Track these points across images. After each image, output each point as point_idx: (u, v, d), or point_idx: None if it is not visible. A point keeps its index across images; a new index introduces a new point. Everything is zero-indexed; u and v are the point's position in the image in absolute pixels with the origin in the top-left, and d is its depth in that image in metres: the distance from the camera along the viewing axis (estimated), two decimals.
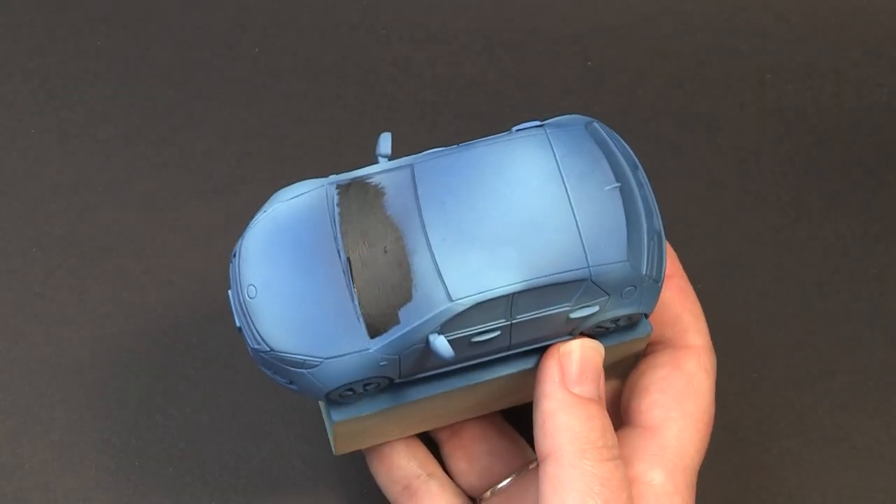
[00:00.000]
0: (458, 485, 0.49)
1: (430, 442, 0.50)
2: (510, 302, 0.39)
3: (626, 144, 0.42)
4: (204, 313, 0.56)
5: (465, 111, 0.61)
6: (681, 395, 0.44)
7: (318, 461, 0.53)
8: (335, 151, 0.60)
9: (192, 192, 0.59)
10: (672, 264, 0.47)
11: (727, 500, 0.51)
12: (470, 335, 0.40)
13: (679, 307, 0.46)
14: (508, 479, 0.47)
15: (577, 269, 0.39)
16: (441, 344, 0.38)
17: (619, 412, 0.47)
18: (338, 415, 0.43)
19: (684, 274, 0.47)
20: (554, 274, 0.39)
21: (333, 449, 0.45)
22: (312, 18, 0.64)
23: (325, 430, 0.45)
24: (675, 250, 0.47)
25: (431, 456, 0.49)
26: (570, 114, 0.43)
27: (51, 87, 0.62)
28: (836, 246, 0.57)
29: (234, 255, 0.42)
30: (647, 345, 0.46)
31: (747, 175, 0.59)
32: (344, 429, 0.44)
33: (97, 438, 0.53)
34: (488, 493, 0.48)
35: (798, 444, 0.53)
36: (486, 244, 0.39)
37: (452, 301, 0.38)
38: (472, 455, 0.48)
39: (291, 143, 0.60)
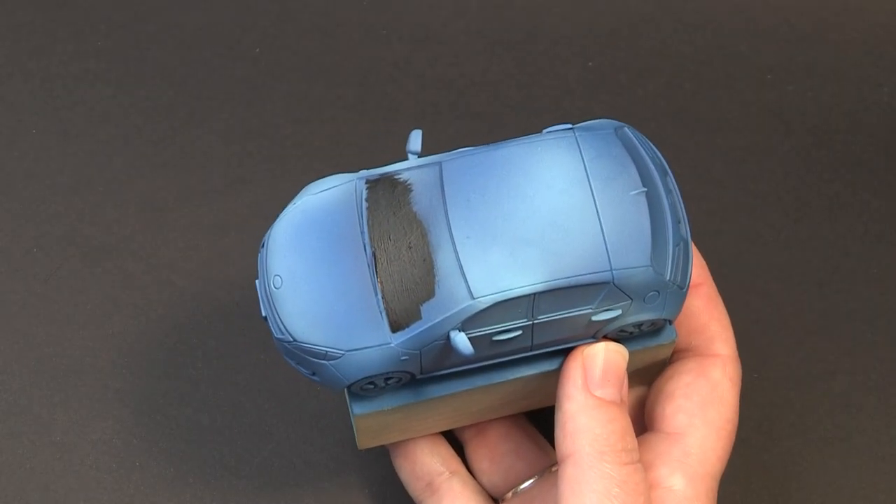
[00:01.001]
0: (481, 484, 0.49)
1: (456, 442, 0.50)
2: (532, 302, 0.39)
3: (656, 150, 0.42)
4: (204, 313, 0.56)
5: (465, 111, 0.61)
6: (705, 402, 0.44)
7: (319, 461, 0.53)
8: (335, 151, 0.60)
9: (192, 192, 0.59)
10: (701, 273, 0.47)
11: (727, 500, 0.51)
12: (491, 333, 0.40)
13: (707, 316, 0.46)
14: (531, 481, 0.47)
15: (599, 272, 0.39)
16: (461, 341, 0.39)
17: (644, 418, 0.47)
18: (359, 408, 0.43)
19: (713, 283, 0.47)
20: (576, 276, 0.39)
21: (357, 443, 0.46)
22: (312, 18, 0.64)
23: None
24: None
25: (455, 454, 0.49)
26: (578, 117, 0.43)
27: (51, 87, 0.62)
28: (836, 246, 0.57)
29: (263, 246, 0.42)
30: (674, 352, 0.46)
31: (747, 175, 0.59)
32: (366, 423, 0.44)
33: (97, 438, 0.53)
34: (510, 494, 0.48)
35: (798, 444, 0.53)
36: (509, 244, 0.39)
37: (474, 299, 0.39)
38: (496, 455, 0.49)
39: (291, 143, 0.60)
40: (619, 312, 0.40)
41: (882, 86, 0.61)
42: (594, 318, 0.40)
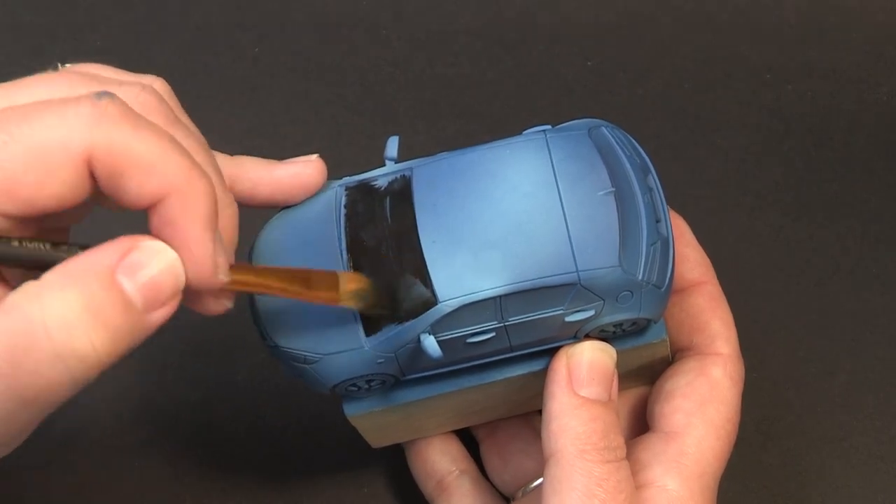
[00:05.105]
0: (492, 483, 0.49)
1: (473, 441, 0.50)
2: (498, 304, 0.39)
3: (639, 148, 0.42)
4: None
5: (465, 111, 0.61)
6: (704, 401, 0.44)
7: (319, 462, 0.53)
8: (335, 151, 0.60)
9: None
10: (706, 272, 0.47)
11: (727, 499, 0.51)
12: (464, 336, 0.40)
13: (709, 314, 0.46)
14: (539, 480, 0.47)
15: (564, 274, 0.39)
16: (430, 344, 0.39)
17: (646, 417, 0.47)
18: (350, 409, 0.43)
19: (717, 282, 0.47)
20: (539, 278, 0.39)
21: (368, 442, 0.46)
22: (312, 18, 0.64)
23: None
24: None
25: (466, 454, 0.50)
26: (578, 116, 0.43)
27: None
28: (836, 246, 0.57)
29: (250, 251, 0.42)
30: (677, 351, 0.46)
31: (747, 175, 0.59)
32: (363, 423, 0.44)
33: (98, 438, 0.53)
34: (520, 493, 0.48)
35: (798, 444, 0.53)
36: (473, 247, 0.39)
37: (439, 302, 0.39)
38: (506, 453, 0.49)
39: (291, 143, 0.60)
40: (592, 313, 0.40)
41: (882, 86, 0.61)
42: (567, 318, 0.40)
